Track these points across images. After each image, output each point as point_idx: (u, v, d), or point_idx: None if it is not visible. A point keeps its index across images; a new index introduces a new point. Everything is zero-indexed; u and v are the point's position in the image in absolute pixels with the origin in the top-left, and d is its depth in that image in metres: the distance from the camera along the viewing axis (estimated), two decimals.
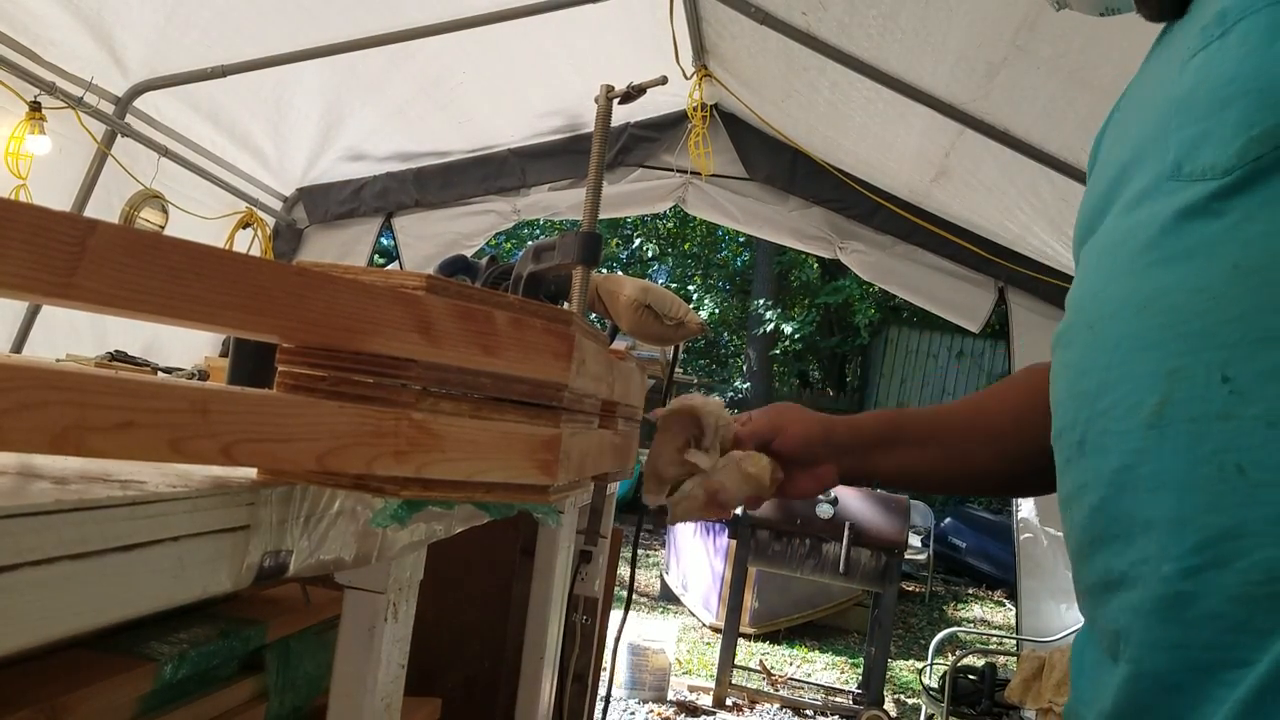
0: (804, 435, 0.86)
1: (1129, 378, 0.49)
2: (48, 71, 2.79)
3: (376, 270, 0.53)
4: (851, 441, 0.86)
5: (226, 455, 0.41)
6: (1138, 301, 0.49)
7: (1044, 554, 3.58)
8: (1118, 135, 0.62)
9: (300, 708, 0.75)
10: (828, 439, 0.86)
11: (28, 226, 0.33)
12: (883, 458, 0.86)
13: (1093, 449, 0.52)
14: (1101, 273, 0.54)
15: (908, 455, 0.85)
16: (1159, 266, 0.48)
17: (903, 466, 0.86)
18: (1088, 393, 0.52)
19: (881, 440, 0.86)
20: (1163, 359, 0.47)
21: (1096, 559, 0.52)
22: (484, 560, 1.14)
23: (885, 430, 0.87)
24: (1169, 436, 0.46)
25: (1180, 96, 0.50)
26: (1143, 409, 0.47)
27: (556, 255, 1.08)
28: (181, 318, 0.39)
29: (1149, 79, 0.60)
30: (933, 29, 2.46)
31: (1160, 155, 0.51)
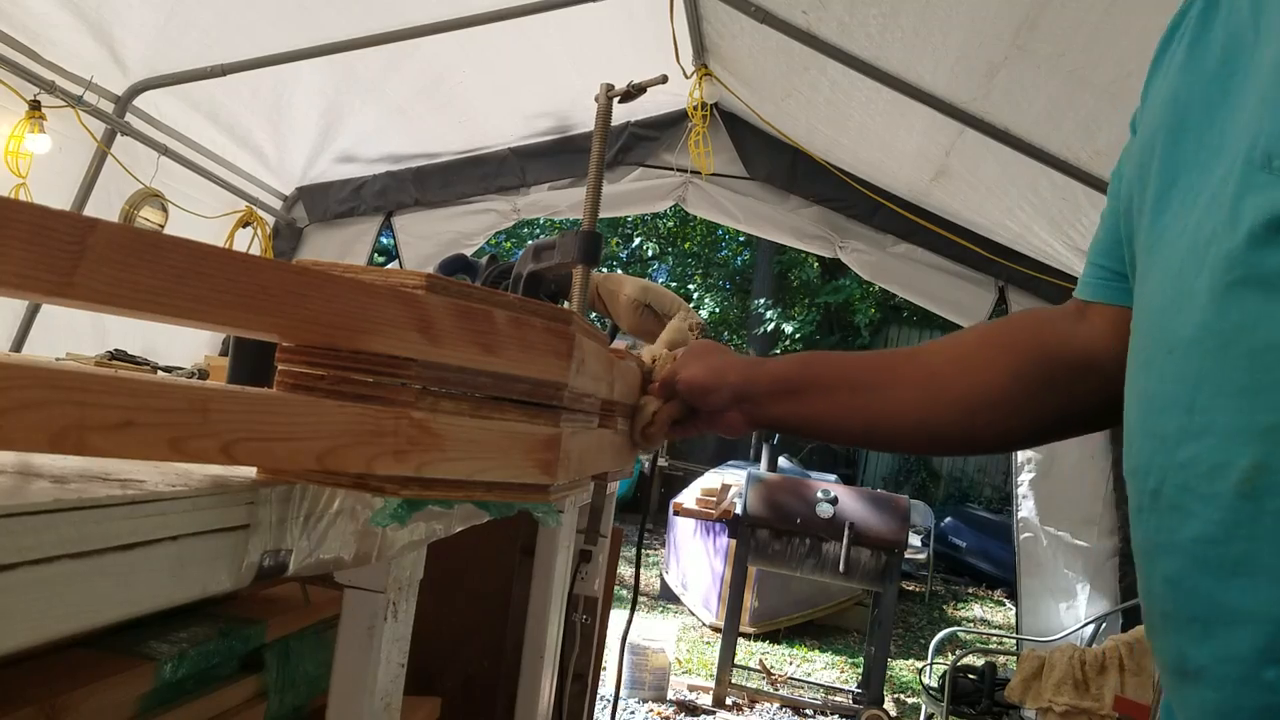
0: (692, 381, 0.81)
1: (1214, 429, 0.41)
2: (48, 70, 2.79)
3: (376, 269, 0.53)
4: (747, 389, 0.80)
5: (226, 454, 0.41)
6: (1221, 332, 0.41)
7: (1044, 553, 3.58)
8: (1181, 75, 0.51)
9: (300, 707, 0.75)
10: (719, 386, 0.81)
11: (28, 225, 0.33)
12: (791, 405, 0.79)
13: (1170, 505, 0.44)
14: (1175, 282, 0.45)
15: (820, 404, 0.78)
16: (1246, 289, 0.39)
17: (815, 415, 0.78)
18: (1166, 436, 0.44)
19: (789, 388, 0.79)
20: (1256, 411, 0.39)
21: (1171, 638, 0.44)
22: (484, 560, 1.14)
23: (793, 377, 0.79)
24: (1267, 511, 0.38)
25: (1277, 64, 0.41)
26: (1231, 472, 0.39)
27: (556, 254, 1.08)
28: (181, 317, 0.39)
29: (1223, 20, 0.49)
30: (933, 28, 2.46)
31: (1242, 132, 0.42)
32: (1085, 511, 3.53)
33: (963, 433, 0.72)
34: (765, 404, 0.80)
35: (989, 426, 0.71)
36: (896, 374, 0.75)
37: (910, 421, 0.74)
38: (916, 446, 0.78)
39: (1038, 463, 3.61)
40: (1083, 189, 2.73)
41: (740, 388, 0.80)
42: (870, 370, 0.77)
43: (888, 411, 0.75)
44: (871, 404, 0.75)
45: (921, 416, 0.73)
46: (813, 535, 4.01)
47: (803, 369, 0.79)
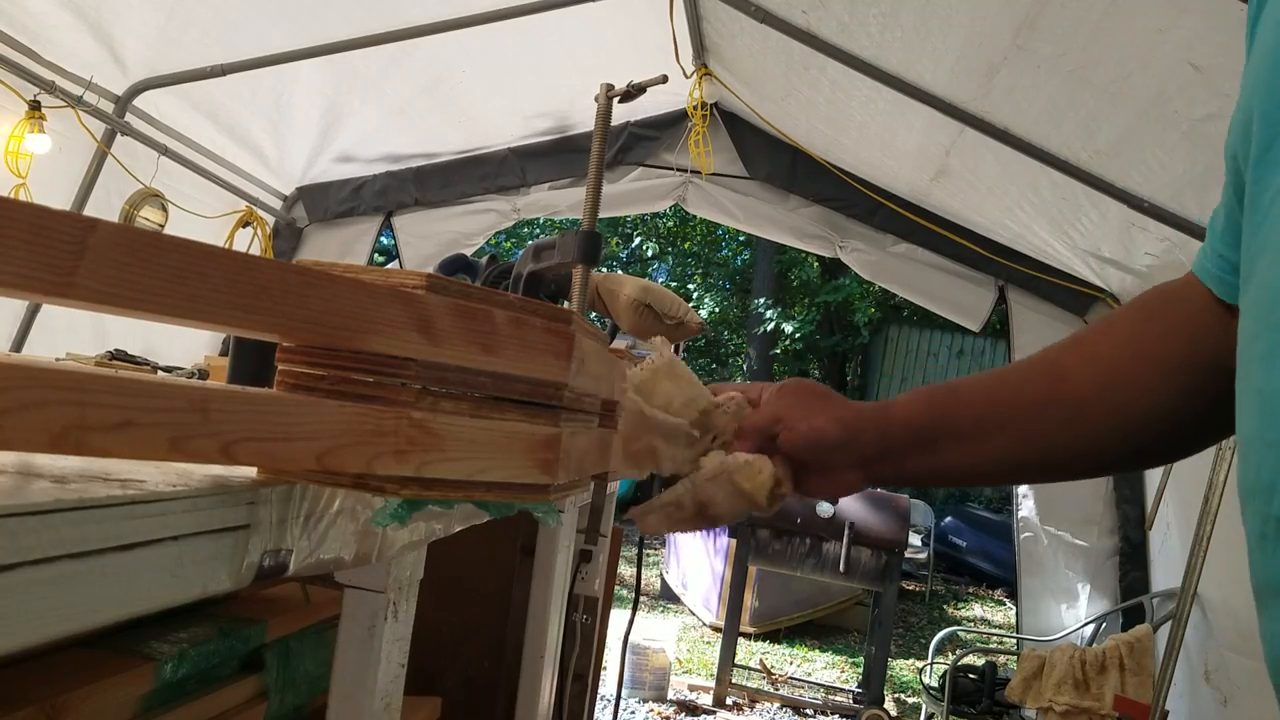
0: (816, 437, 0.68)
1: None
2: (48, 70, 2.79)
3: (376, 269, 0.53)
4: (880, 446, 0.68)
5: (226, 454, 0.41)
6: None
7: (1044, 553, 3.58)
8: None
9: (300, 707, 0.75)
10: (848, 443, 0.68)
11: (28, 225, 0.33)
12: (925, 459, 0.68)
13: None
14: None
15: (959, 453, 0.67)
16: None
17: (953, 466, 0.68)
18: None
19: (920, 440, 0.67)
20: None
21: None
22: (484, 559, 1.14)
23: (925, 426, 0.67)
24: None
25: None
26: None
27: (556, 254, 1.08)
28: (182, 317, 0.39)
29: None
30: (933, 28, 2.46)
31: None
32: (1086, 511, 3.53)
33: (1131, 454, 0.64)
34: (898, 460, 0.68)
35: (1159, 441, 0.63)
36: (1039, 408, 0.65)
37: (1067, 455, 0.65)
38: (1079, 475, 0.68)
39: None
40: (1083, 189, 2.73)
41: (874, 444, 0.68)
42: (1006, 406, 0.66)
43: (1038, 450, 0.66)
44: (1015, 447, 0.66)
45: (1079, 449, 0.65)
46: (813, 535, 4.01)
47: (933, 414, 0.67)
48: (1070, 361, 0.65)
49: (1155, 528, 3.11)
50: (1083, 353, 0.65)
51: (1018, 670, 3.12)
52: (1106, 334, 0.65)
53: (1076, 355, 0.65)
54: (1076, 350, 0.65)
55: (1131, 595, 3.39)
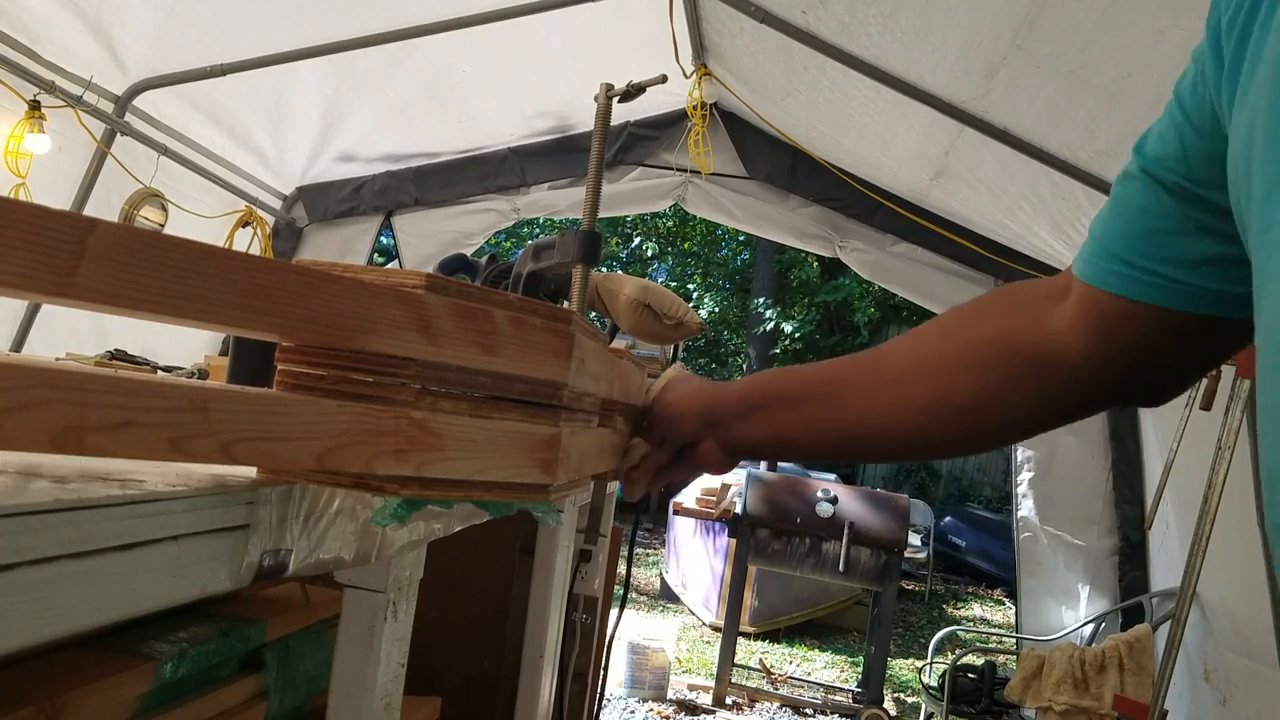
0: (671, 406, 0.77)
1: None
2: (47, 70, 2.79)
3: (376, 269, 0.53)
4: (717, 409, 0.75)
5: (226, 454, 0.41)
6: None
7: (1044, 553, 3.58)
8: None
9: (300, 707, 0.75)
10: (693, 410, 0.75)
11: (27, 225, 0.33)
12: (750, 424, 0.73)
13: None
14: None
15: (777, 418, 0.72)
16: None
17: (773, 433, 0.73)
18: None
19: (748, 404, 0.73)
20: None
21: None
22: (484, 559, 1.14)
23: (753, 391, 0.74)
24: None
25: None
26: None
27: (556, 254, 1.08)
28: (181, 316, 0.39)
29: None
30: (933, 28, 2.46)
31: None
32: (1085, 511, 3.53)
33: (934, 437, 0.68)
34: (733, 426, 0.74)
35: (959, 429, 0.67)
36: (862, 381, 0.70)
37: (878, 430, 0.69)
38: (891, 454, 0.72)
39: (1037, 462, 3.61)
40: (1083, 189, 2.73)
41: (706, 412, 0.75)
42: (834, 380, 0.71)
43: (856, 421, 0.70)
44: (838, 415, 0.70)
45: (889, 425, 0.69)
46: (812, 534, 4.01)
47: (765, 383, 0.74)
48: (900, 345, 0.69)
49: (1155, 527, 3.11)
50: (914, 337, 0.69)
51: (1017, 670, 3.12)
52: (943, 318, 0.69)
53: (909, 339, 0.69)
54: (911, 335, 0.69)
55: (1131, 595, 3.39)
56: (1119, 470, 3.48)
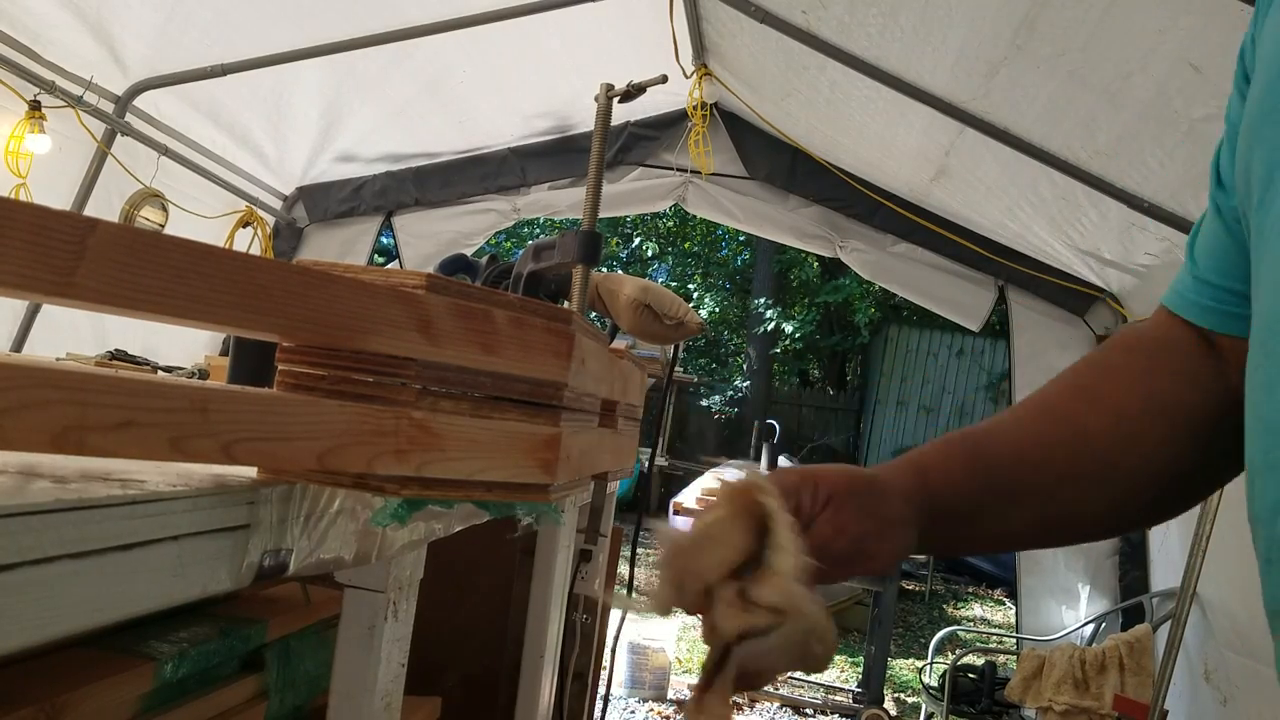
0: (887, 558, 0.62)
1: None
2: (48, 70, 2.79)
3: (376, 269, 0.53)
4: (926, 523, 0.62)
5: (227, 454, 0.41)
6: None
7: (1044, 553, 3.58)
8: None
9: (300, 707, 0.75)
10: (895, 550, 0.61)
11: (28, 225, 0.33)
12: (965, 530, 0.64)
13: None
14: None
15: (997, 522, 0.63)
16: None
17: (991, 534, 0.64)
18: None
19: (959, 514, 0.62)
20: None
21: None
22: (484, 559, 1.14)
23: (965, 498, 0.62)
24: None
25: None
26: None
27: (556, 254, 1.08)
28: (182, 316, 0.39)
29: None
30: (933, 28, 2.46)
31: None
32: None
33: (1154, 508, 0.65)
34: (936, 537, 0.63)
35: (1180, 493, 0.63)
36: (1070, 471, 0.61)
37: (1097, 515, 0.63)
38: (1107, 533, 0.67)
39: None
40: (1083, 189, 2.73)
41: (907, 544, 0.62)
42: (1036, 471, 0.62)
43: (1070, 513, 0.62)
44: (1049, 510, 0.62)
45: (1108, 509, 0.62)
46: None
47: (972, 484, 0.62)
48: (1092, 421, 0.61)
49: (1155, 527, 3.11)
50: (1101, 408, 0.62)
51: (1017, 670, 3.12)
52: (1115, 384, 0.62)
53: (1096, 412, 0.62)
54: (1093, 405, 0.62)
55: (1131, 595, 3.39)
56: None
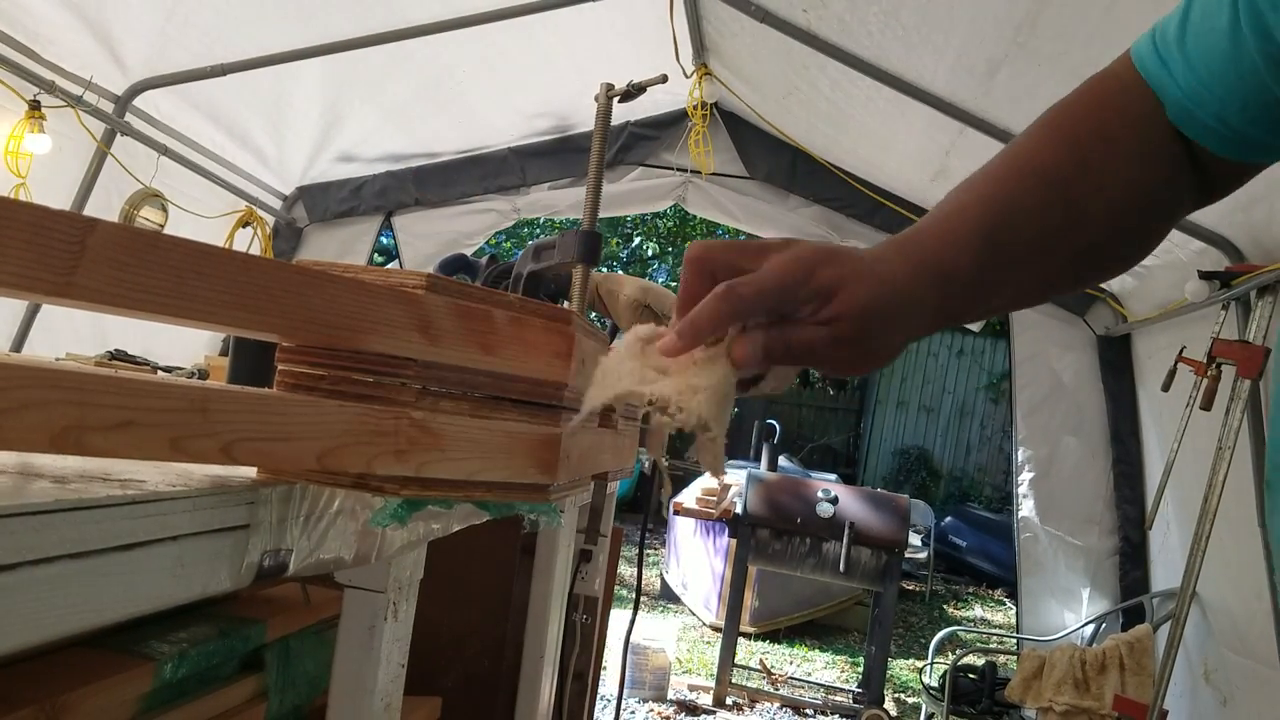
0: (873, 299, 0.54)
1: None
2: (47, 70, 2.79)
3: (376, 269, 0.53)
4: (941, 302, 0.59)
5: (226, 454, 0.41)
6: None
7: (1044, 553, 3.58)
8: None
9: (300, 707, 0.75)
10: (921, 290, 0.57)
11: (28, 225, 0.33)
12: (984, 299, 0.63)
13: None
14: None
15: (1012, 285, 0.62)
16: None
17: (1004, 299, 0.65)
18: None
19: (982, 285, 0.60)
20: None
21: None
22: (484, 559, 1.14)
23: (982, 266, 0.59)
24: None
25: None
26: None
27: (556, 254, 1.08)
28: (181, 317, 0.39)
29: None
30: (933, 27, 2.46)
31: None
32: (1086, 511, 3.53)
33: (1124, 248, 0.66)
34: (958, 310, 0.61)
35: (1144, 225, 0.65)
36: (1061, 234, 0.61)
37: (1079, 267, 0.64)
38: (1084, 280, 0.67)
39: (1038, 462, 3.61)
40: None
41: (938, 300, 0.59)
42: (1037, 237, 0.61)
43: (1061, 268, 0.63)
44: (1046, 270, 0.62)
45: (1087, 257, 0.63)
46: (813, 535, 4.01)
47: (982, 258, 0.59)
48: (1073, 179, 0.61)
49: (1155, 527, 3.11)
50: (1078, 161, 0.62)
51: (1018, 670, 3.12)
52: (1088, 130, 0.64)
53: (1072, 165, 0.62)
54: (1072, 159, 0.62)
55: (1131, 595, 3.39)
56: (1120, 470, 3.48)
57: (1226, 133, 0.58)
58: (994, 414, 10.80)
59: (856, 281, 0.54)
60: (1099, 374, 3.53)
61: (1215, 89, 0.57)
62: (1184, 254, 2.71)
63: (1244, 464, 2.38)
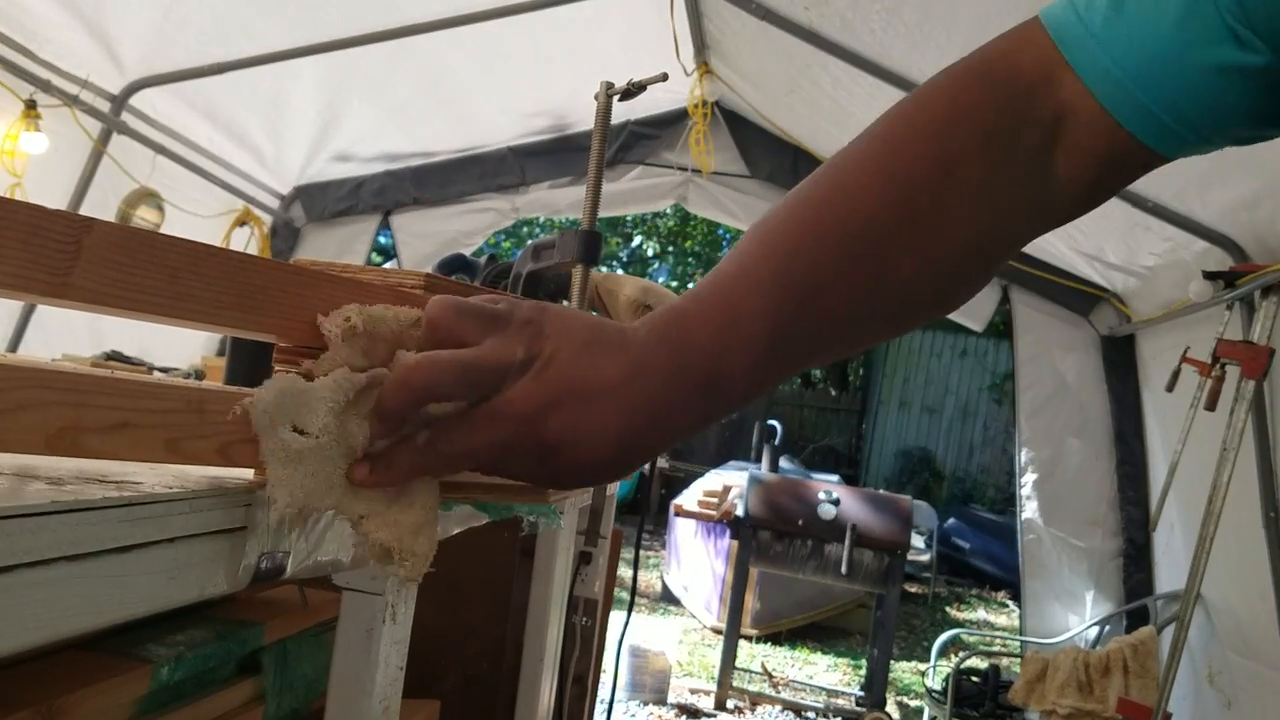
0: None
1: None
2: (43, 69, 2.79)
3: (375, 269, 0.52)
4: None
5: (223, 455, 0.41)
6: None
7: (1048, 555, 3.57)
8: None
9: (298, 710, 0.75)
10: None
11: (23, 225, 0.33)
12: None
13: None
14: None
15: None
16: None
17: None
18: None
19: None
20: None
21: None
22: (483, 561, 1.14)
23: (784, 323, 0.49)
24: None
25: None
26: None
27: (556, 254, 1.08)
28: (178, 317, 0.38)
29: None
30: (936, 24, 2.46)
31: None
32: (1089, 513, 3.53)
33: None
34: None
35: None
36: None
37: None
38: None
39: (1041, 464, 3.61)
40: None
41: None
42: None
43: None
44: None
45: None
46: (815, 537, 4.00)
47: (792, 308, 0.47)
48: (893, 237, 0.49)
49: (1159, 529, 3.11)
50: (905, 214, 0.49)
51: (1021, 673, 3.11)
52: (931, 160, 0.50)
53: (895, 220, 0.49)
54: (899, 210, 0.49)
55: (1135, 597, 3.39)
56: (1123, 472, 3.48)
57: (1168, 119, 0.47)
58: (997, 415, 10.80)
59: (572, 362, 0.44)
60: (1103, 375, 3.52)
61: (1163, 66, 0.46)
62: (1188, 254, 2.71)
63: (1248, 465, 2.37)
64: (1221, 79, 0.45)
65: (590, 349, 0.45)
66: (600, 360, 0.45)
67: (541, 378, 0.44)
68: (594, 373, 0.44)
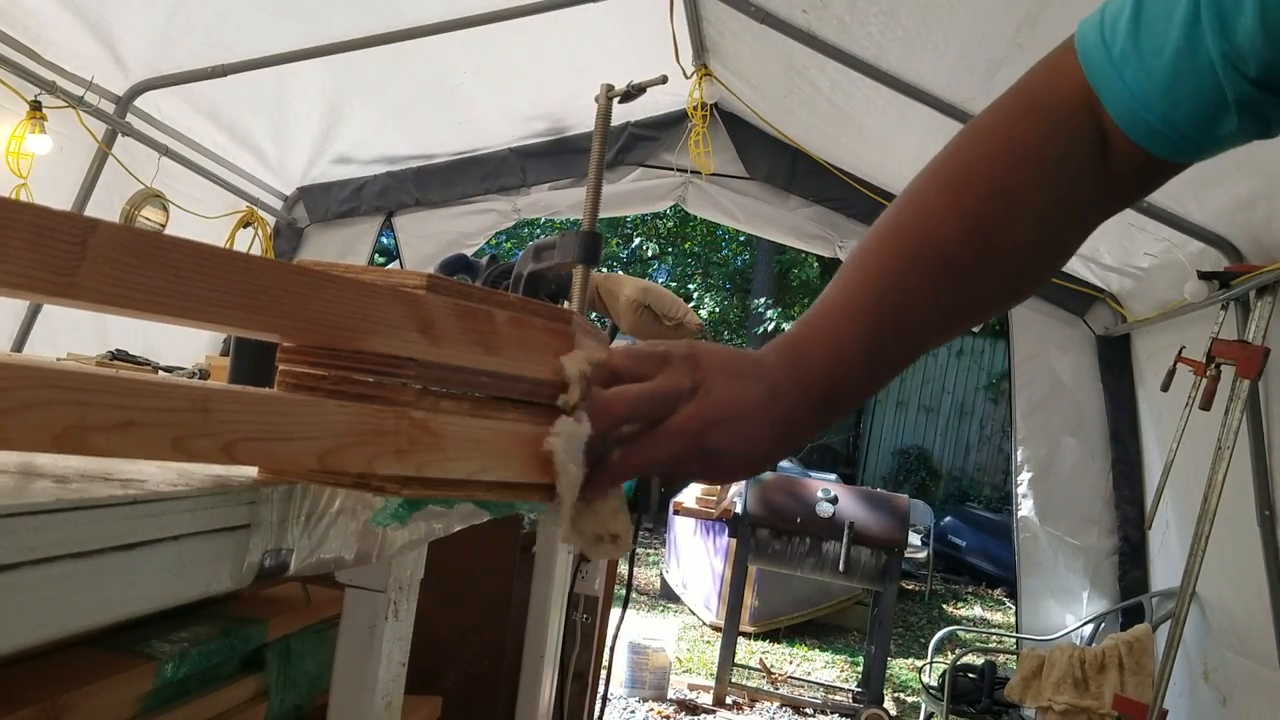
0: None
1: None
2: (48, 71, 2.79)
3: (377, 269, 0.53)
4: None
5: (227, 454, 0.41)
6: None
7: (1044, 553, 3.58)
8: None
9: (301, 706, 0.75)
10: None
11: (29, 226, 0.33)
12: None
13: None
14: None
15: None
16: None
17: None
18: None
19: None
20: None
21: None
22: (485, 559, 1.14)
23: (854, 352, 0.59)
24: None
25: None
26: None
27: (557, 254, 1.09)
28: (183, 317, 0.39)
29: None
30: (933, 27, 2.46)
31: None
32: (1085, 511, 3.53)
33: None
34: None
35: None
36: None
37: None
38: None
39: (1037, 462, 3.61)
40: None
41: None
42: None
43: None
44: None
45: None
46: (813, 534, 4.01)
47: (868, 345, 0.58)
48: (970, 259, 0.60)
49: (1154, 527, 3.11)
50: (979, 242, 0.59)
51: (1017, 669, 3.12)
52: (992, 193, 0.60)
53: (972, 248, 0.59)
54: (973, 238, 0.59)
55: (1131, 595, 3.39)
56: (1119, 470, 3.48)
57: (1172, 136, 0.55)
58: (993, 414, 10.80)
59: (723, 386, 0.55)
60: (1098, 374, 3.53)
61: (1164, 87, 0.53)
62: (1183, 254, 2.71)
63: (1243, 464, 2.38)
64: (1213, 105, 0.52)
65: (738, 377, 0.56)
66: (745, 386, 0.56)
67: (704, 402, 0.54)
68: (742, 397, 0.55)
